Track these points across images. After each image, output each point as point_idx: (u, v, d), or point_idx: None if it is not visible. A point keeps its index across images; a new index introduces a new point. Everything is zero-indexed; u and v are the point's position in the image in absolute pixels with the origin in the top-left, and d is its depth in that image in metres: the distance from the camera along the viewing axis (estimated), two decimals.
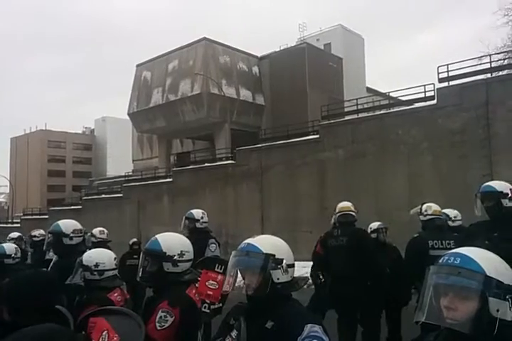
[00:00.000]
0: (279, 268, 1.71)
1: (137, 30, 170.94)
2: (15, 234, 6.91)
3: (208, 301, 3.45)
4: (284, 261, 1.73)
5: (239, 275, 1.80)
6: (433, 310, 1.32)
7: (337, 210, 4.82)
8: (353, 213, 4.72)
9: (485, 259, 1.31)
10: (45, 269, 4.11)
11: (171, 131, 26.95)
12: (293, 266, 1.78)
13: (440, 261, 1.36)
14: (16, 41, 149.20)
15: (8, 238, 6.73)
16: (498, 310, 1.24)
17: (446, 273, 1.31)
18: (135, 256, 6.94)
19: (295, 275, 1.81)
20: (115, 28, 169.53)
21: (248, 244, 1.77)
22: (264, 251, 1.72)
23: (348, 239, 4.53)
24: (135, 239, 8.07)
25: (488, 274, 1.26)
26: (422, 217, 4.47)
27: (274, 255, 1.71)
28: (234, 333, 1.74)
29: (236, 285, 1.81)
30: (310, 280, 5.14)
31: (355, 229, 4.68)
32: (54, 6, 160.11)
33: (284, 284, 1.73)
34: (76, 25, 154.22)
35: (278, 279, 1.71)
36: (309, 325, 1.60)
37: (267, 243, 1.78)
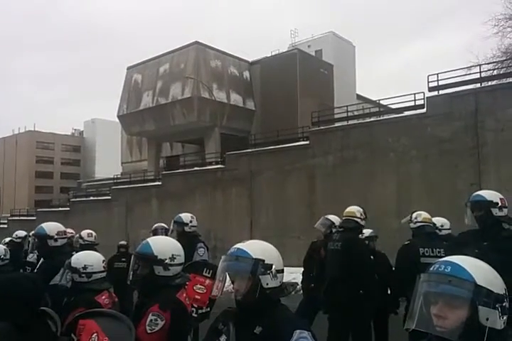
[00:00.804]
0: (269, 274, 1.71)
1: (129, 33, 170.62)
2: (22, 233, 6.92)
3: (196, 305, 3.43)
4: (274, 267, 1.73)
5: (228, 279, 1.80)
6: (423, 318, 1.33)
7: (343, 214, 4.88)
8: (357, 219, 4.67)
9: (475, 268, 1.32)
10: (21, 271, 4.11)
11: (160, 134, 26.85)
12: (282, 271, 1.79)
13: (431, 269, 1.37)
14: (4, 41, 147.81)
15: (14, 236, 6.77)
16: (487, 319, 1.25)
17: (437, 281, 1.32)
18: (123, 259, 6.87)
19: (284, 281, 1.81)
20: (107, 30, 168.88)
21: (238, 248, 1.77)
22: (254, 256, 1.72)
23: (342, 244, 4.55)
24: (123, 242, 7.95)
25: (478, 283, 1.27)
26: (412, 225, 4.50)
27: (263, 260, 1.72)
28: (223, 338, 1.74)
29: (225, 290, 1.82)
30: (298, 286, 5.13)
31: (351, 236, 4.64)
32: (45, 6, 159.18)
33: (273, 289, 1.73)
34: (68, 27, 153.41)
35: (267, 284, 1.71)
36: (298, 331, 1.60)
37: (257, 248, 1.78)
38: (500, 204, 3.08)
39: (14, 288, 1.84)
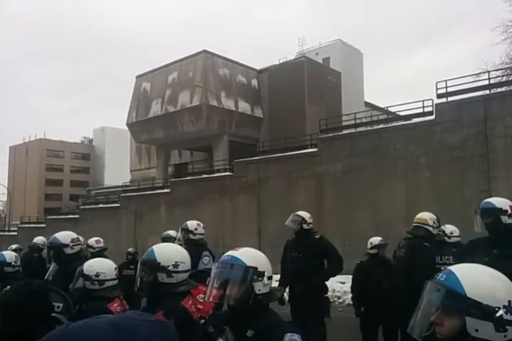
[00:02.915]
0: (261, 281, 1.79)
1: (138, 42, 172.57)
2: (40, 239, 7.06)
3: (199, 315, 3.40)
4: (266, 274, 1.81)
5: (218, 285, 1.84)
6: (420, 325, 1.36)
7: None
8: (428, 227, 4.28)
9: (472, 278, 1.31)
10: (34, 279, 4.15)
11: (169, 141, 27.02)
12: (271, 277, 1.86)
13: (435, 276, 1.39)
14: (15, 51, 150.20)
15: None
16: (476, 330, 1.24)
17: (431, 289, 1.36)
18: (131, 266, 6.89)
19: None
20: (116, 39, 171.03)
21: (231, 256, 1.82)
22: (248, 264, 1.78)
23: (406, 251, 4.47)
24: (130, 249, 7.96)
25: (466, 293, 1.26)
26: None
27: (256, 268, 1.79)
28: None
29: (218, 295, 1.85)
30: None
31: (416, 243, 4.33)
32: (56, 17, 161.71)
33: (264, 295, 1.80)
34: (77, 37, 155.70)
35: (259, 291, 1.78)
36: (289, 334, 1.66)
37: (250, 256, 1.84)
38: (509, 211, 3.04)
39: (17, 296, 1.88)
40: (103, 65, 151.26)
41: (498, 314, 1.23)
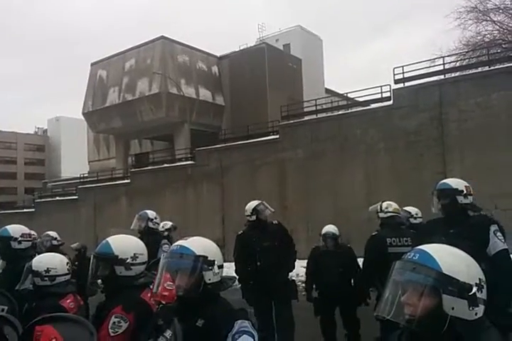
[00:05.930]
0: (211, 270, 1.77)
1: (92, 29, 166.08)
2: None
3: (164, 302, 3.31)
4: (216, 263, 1.79)
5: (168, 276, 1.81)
6: (391, 306, 1.32)
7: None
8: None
9: (445, 256, 1.30)
10: None
11: (128, 131, 26.38)
12: (222, 266, 1.85)
13: (403, 256, 1.37)
14: None
15: None
16: (453, 308, 1.23)
17: (403, 268, 1.32)
18: (76, 263, 6.55)
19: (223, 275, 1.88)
20: (69, 27, 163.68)
21: (181, 246, 1.80)
22: (197, 253, 1.76)
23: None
24: (75, 244, 7.45)
25: (443, 271, 1.25)
26: (381, 214, 4.48)
27: (206, 257, 1.77)
28: (168, 333, 1.75)
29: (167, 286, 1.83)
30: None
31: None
32: (7, 6, 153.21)
33: (214, 284, 1.78)
34: (29, 26, 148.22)
35: (209, 280, 1.76)
36: (239, 321, 1.66)
37: (199, 245, 1.82)
38: (465, 191, 3.09)
39: None
40: (57, 52, 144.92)
41: (472, 291, 1.24)
